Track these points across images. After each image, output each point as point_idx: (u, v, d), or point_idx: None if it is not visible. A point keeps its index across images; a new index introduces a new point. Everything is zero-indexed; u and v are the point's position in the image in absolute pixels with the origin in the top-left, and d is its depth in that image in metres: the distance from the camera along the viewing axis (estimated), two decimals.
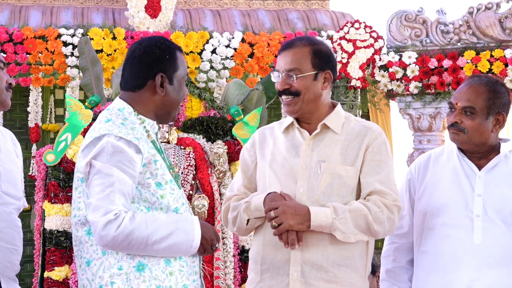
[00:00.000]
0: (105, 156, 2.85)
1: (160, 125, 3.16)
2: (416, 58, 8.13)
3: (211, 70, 8.62)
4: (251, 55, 8.75)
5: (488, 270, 3.21)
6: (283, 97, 3.30)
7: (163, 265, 2.91)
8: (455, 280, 3.27)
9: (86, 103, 6.30)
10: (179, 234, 2.88)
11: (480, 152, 3.35)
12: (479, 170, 3.35)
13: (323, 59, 3.31)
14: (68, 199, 6.18)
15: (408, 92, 8.19)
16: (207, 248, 3.00)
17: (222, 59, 8.67)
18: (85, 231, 2.94)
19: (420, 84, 8.11)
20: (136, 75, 3.03)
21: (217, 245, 3.03)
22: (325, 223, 3.12)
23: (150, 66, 3.01)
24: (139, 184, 2.91)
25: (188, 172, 6.24)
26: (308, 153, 3.28)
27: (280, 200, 3.16)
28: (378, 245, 6.67)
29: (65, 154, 6.14)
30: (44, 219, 6.20)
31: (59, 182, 6.17)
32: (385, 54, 8.35)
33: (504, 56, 7.79)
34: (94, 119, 6.21)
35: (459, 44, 8.10)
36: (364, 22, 8.47)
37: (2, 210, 3.32)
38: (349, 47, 8.39)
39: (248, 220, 3.28)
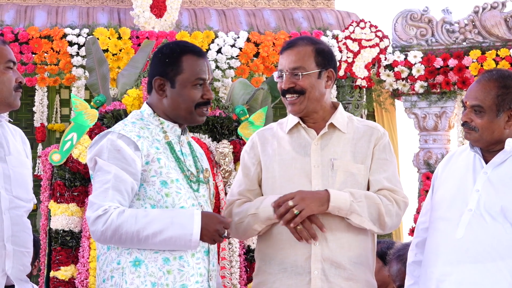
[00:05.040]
0: (105, 153, 2.96)
1: (185, 127, 3.19)
2: (421, 58, 8.13)
3: (217, 69, 8.62)
4: (257, 55, 8.75)
5: (461, 266, 3.15)
6: (287, 96, 3.30)
7: (161, 262, 2.93)
8: (431, 274, 3.25)
9: (92, 103, 6.30)
10: (174, 229, 2.88)
11: (496, 150, 3.27)
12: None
13: (325, 58, 3.33)
14: (74, 199, 6.18)
15: (414, 92, 8.18)
16: (215, 238, 2.96)
17: (227, 59, 8.67)
18: None
19: (425, 84, 8.10)
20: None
21: (225, 233, 2.98)
22: (343, 205, 3.15)
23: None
24: (144, 181, 2.97)
25: None
26: (318, 151, 3.29)
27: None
28: None
29: (70, 154, 6.15)
30: (50, 219, 6.21)
31: (65, 181, 6.17)
32: (390, 53, 8.35)
33: (510, 55, 7.79)
34: (99, 119, 6.22)
35: (464, 43, 8.09)
36: (369, 22, 8.46)
37: (14, 214, 3.32)
38: (354, 46, 8.38)
39: (260, 230, 3.30)
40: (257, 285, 3.36)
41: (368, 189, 3.29)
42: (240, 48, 8.69)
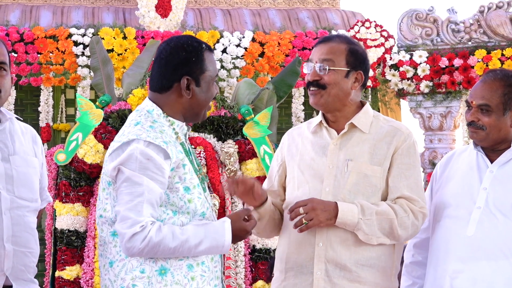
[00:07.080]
0: (133, 163, 2.82)
1: (189, 125, 3.13)
2: (426, 57, 8.11)
3: (222, 69, 8.62)
4: (262, 55, 8.75)
5: (474, 263, 3.16)
6: (311, 87, 3.29)
7: (186, 270, 2.90)
8: (443, 272, 3.25)
9: (97, 103, 6.31)
10: (207, 242, 2.88)
11: (501, 149, 3.30)
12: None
13: (357, 59, 3.30)
14: (79, 199, 6.20)
15: (419, 91, 8.17)
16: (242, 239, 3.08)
17: (232, 59, 8.68)
18: (110, 232, 2.92)
19: (431, 83, 8.09)
20: (162, 77, 2.99)
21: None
22: (350, 221, 3.13)
23: (176, 69, 2.96)
24: (168, 188, 2.88)
25: None
26: (335, 152, 3.27)
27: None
28: None
29: (76, 154, 6.16)
30: (55, 219, 6.22)
31: (70, 181, 6.19)
32: (395, 53, 8.34)
33: None
34: (105, 119, 6.23)
35: (470, 43, 8.08)
36: (374, 21, 8.46)
37: (16, 214, 3.30)
38: None
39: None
40: (273, 281, 3.40)
41: (386, 193, 3.25)
42: (245, 48, 8.70)
